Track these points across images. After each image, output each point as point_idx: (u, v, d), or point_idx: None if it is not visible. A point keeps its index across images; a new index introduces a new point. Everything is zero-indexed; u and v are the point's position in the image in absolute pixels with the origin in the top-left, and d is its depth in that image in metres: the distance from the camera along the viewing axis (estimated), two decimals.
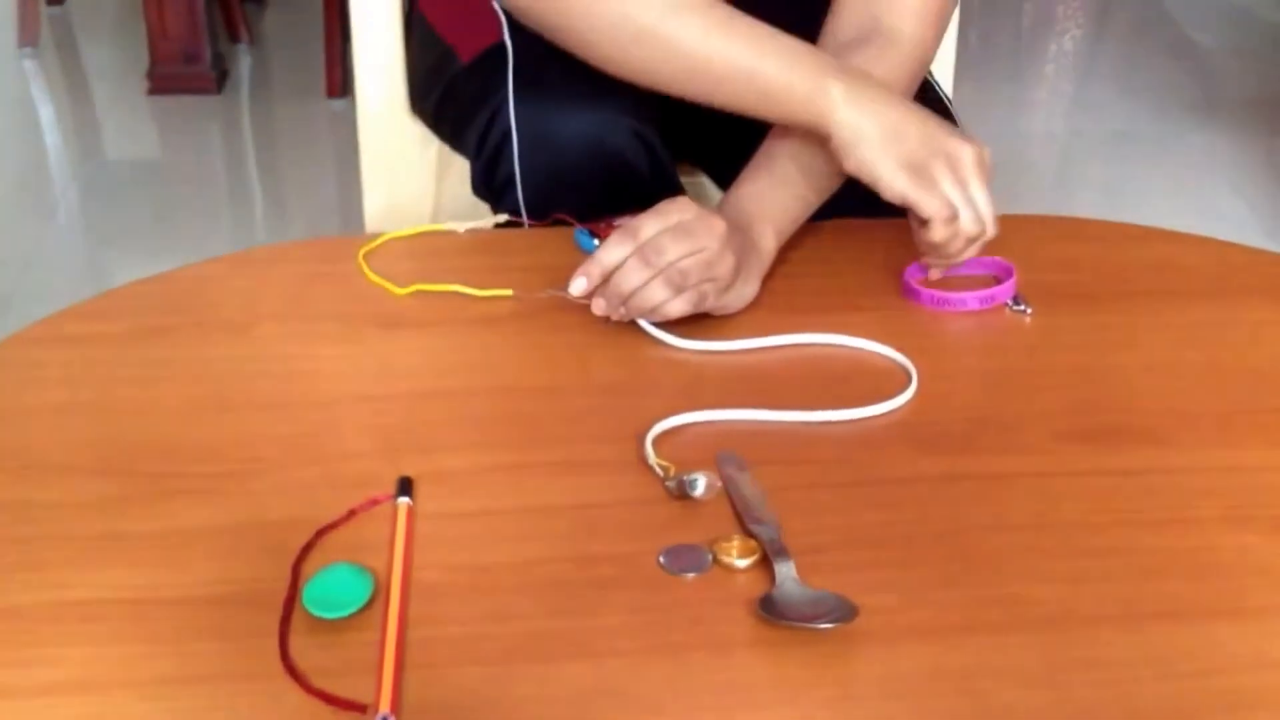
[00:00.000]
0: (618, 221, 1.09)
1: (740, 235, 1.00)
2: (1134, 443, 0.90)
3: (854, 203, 1.15)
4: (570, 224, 1.10)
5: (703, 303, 0.97)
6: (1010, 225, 1.21)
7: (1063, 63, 3.53)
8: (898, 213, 1.20)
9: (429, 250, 1.10)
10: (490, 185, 1.19)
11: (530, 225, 1.15)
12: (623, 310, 0.97)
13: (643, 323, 0.98)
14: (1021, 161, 2.93)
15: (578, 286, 0.96)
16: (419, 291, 1.02)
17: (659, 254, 0.94)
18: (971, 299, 1.03)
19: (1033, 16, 3.82)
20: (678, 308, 0.96)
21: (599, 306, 0.97)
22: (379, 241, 1.09)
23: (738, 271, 0.99)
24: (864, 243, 1.12)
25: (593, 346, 0.98)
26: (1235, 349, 1.01)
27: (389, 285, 1.03)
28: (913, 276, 1.05)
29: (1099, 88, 3.37)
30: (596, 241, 1.07)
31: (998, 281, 1.05)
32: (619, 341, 0.98)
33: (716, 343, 0.98)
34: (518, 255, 1.09)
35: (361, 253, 1.07)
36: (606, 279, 0.96)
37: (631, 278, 0.95)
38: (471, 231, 1.12)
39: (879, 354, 0.98)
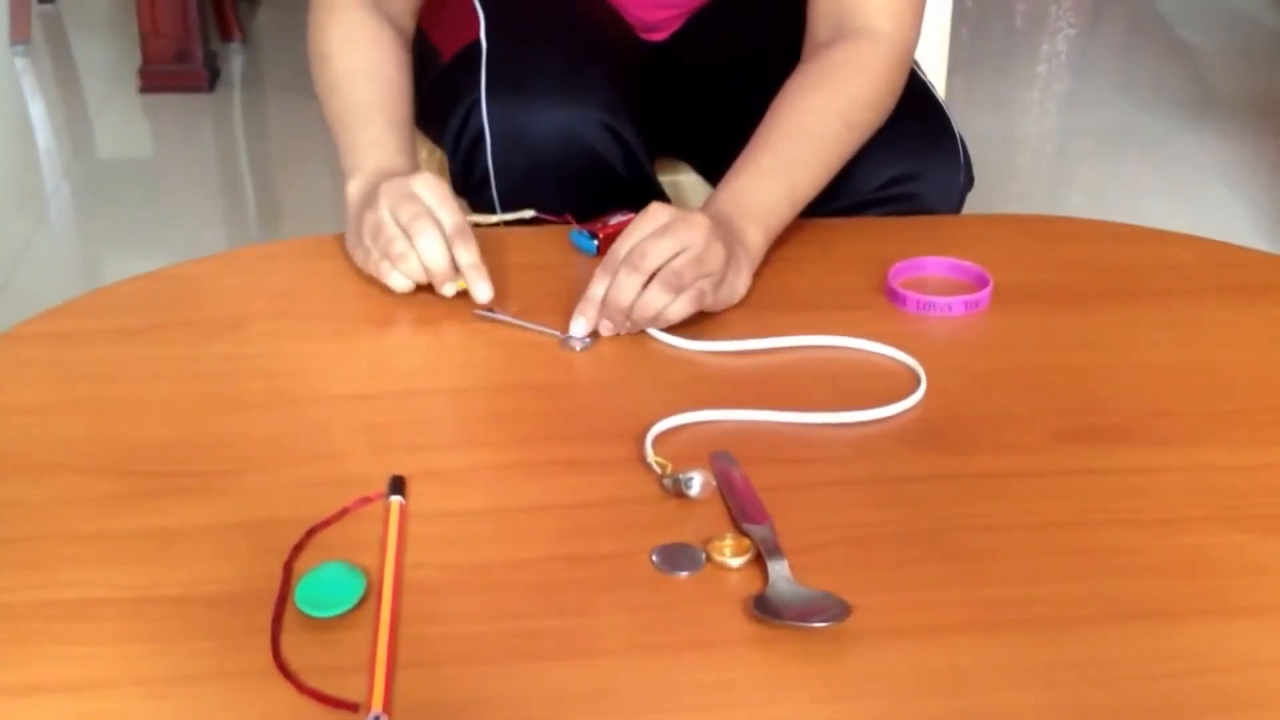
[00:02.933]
0: (613, 220, 1.09)
1: (725, 229, 1.00)
2: (1126, 442, 0.90)
3: (841, 201, 1.16)
4: (548, 221, 1.10)
5: (703, 300, 0.97)
6: (1002, 225, 1.22)
7: (1055, 62, 3.53)
8: (883, 210, 1.21)
9: None
10: (468, 182, 1.20)
11: (506, 224, 1.15)
12: (629, 325, 0.97)
13: (653, 332, 0.98)
14: (1013, 161, 2.93)
15: (579, 328, 0.97)
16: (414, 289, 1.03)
17: (643, 258, 0.94)
18: (957, 304, 1.03)
19: (1025, 15, 3.82)
20: (680, 309, 0.96)
21: (606, 328, 0.97)
22: None
23: (729, 263, 0.99)
24: (852, 241, 1.12)
25: (591, 345, 0.97)
26: (1229, 348, 1.01)
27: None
28: (895, 279, 1.05)
29: (1091, 87, 3.37)
30: (596, 241, 1.07)
31: (976, 288, 1.05)
32: (618, 340, 0.98)
33: (727, 343, 0.98)
34: (514, 254, 1.09)
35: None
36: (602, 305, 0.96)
37: (626, 289, 0.94)
38: (499, 220, 1.13)
39: (879, 355, 0.98)
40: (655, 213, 0.97)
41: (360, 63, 1.13)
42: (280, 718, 0.67)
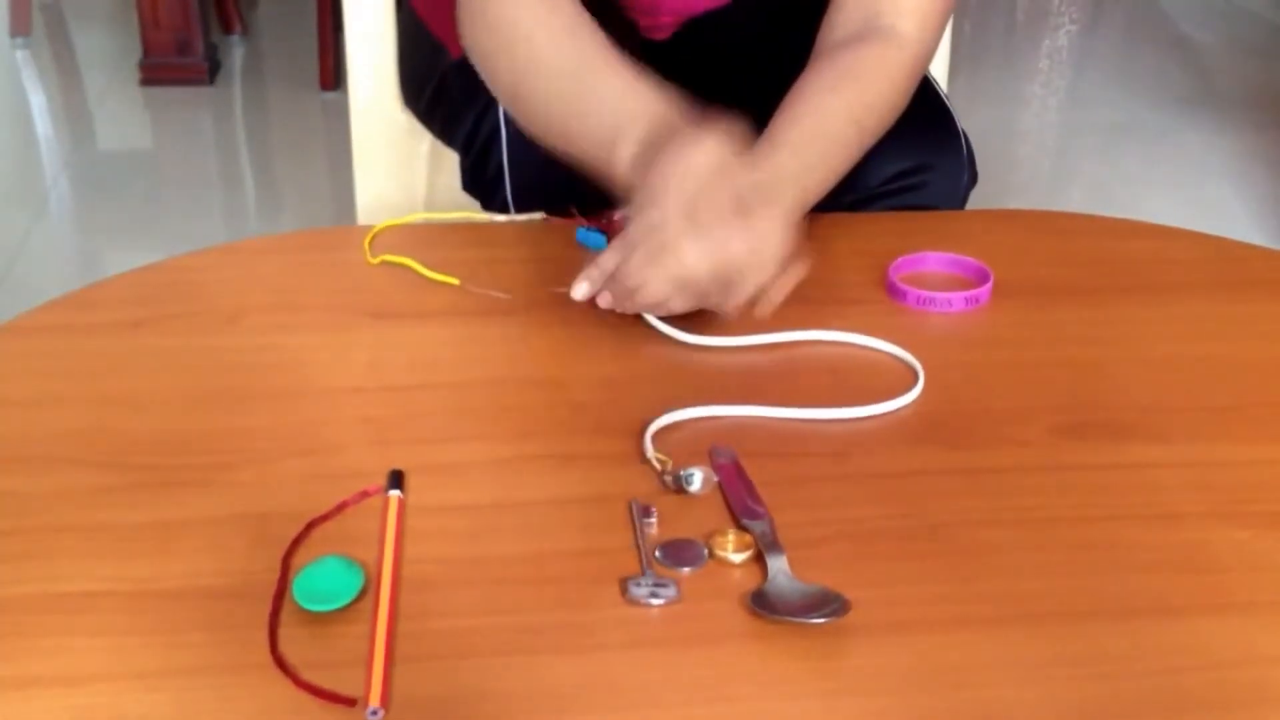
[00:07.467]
0: (619, 215, 1.09)
1: None
2: (1126, 437, 0.90)
3: (845, 197, 1.15)
4: (557, 219, 1.10)
5: (708, 300, 0.96)
6: (1003, 220, 1.21)
7: (1057, 57, 3.53)
8: (886, 207, 1.21)
9: (433, 240, 1.10)
10: (481, 180, 1.19)
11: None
12: (629, 304, 0.96)
13: (649, 317, 0.97)
14: (1015, 156, 2.93)
15: (580, 291, 0.95)
16: (415, 279, 1.03)
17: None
18: (957, 299, 1.03)
19: (1027, 10, 3.82)
20: (682, 304, 0.95)
21: (605, 300, 0.95)
22: (387, 225, 1.09)
23: None
24: (853, 236, 1.12)
25: (591, 340, 0.97)
26: (1229, 343, 1.01)
27: (368, 256, 1.05)
28: (895, 274, 1.05)
29: (1092, 82, 3.37)
30: (605, 236, 1.07)
31: (977, 283, 1.05)
32: (618, 335, 0.98)
33: (726, 339, 0.98)
34: (519, 248, 1.08)
35: (370, 235, 1.08)
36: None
37: (636, 275, 0.94)
38: (509, 220, 1.14)
39: (878, 350, 0.98)
40: None
41: (566, 44, 1.06)
42: (278, 712, 0.67)
